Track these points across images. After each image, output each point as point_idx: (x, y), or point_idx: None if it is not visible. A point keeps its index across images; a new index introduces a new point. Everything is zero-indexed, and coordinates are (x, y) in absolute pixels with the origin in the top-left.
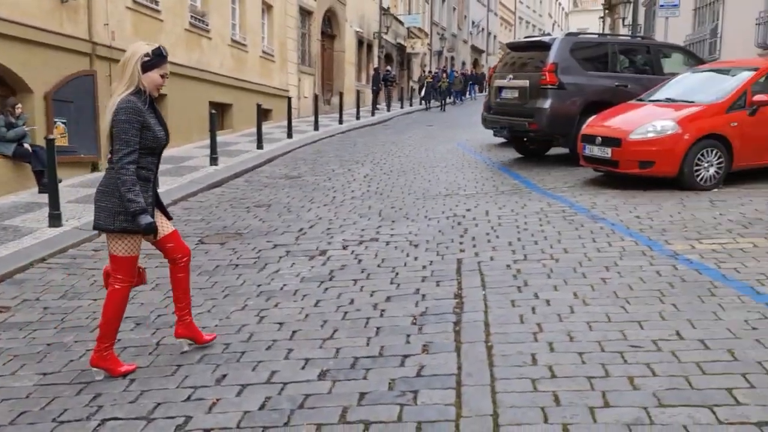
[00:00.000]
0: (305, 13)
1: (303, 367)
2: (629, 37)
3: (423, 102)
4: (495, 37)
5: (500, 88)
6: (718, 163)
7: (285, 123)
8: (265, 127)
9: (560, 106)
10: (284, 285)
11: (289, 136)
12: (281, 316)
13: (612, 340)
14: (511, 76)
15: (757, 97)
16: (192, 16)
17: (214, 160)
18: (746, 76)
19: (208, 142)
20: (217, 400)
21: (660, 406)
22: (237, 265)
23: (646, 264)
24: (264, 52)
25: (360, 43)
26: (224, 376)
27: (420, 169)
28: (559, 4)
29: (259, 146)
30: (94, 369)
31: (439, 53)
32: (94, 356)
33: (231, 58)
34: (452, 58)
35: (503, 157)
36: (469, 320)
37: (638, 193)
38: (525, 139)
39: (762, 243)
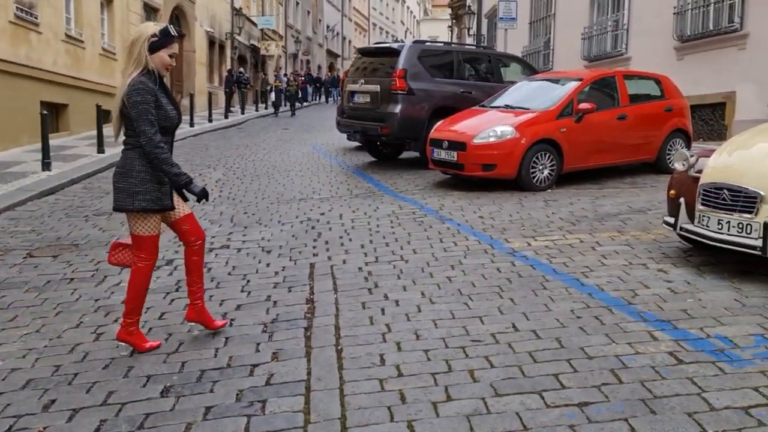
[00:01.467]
0: (150, 10)
1: (144, 385)
2: (473, 47)
3: (274, 107)
4: (350, 41)
5: (353, 93)
6: (551, 166)
7: None
8: (107, 129)
9: (410, 111)
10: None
11: None
12: None
13: (455, 336)
14: (362, 80)
15: (582, 105)
16: (18, 8)
17: (46, 165)
18: (573, 85)
19: (39, 145)
20: (44, 428)
21: (496, 395)
22: (72, 279)
23: (487, 261)
24: (104, 49)
25: (211, 43)
26: (53, 401)
27: (274, 173)
28: (411, 12)
29: (100, 150)
30: (122, 343)
31: (295, 56)
32: (121, 331)
33: (66, 55)
34: (308, 62)
35: (358, 161)
36: (320, 325)
37: (482, 194)
38: (378, 143)
39: (587, 238)
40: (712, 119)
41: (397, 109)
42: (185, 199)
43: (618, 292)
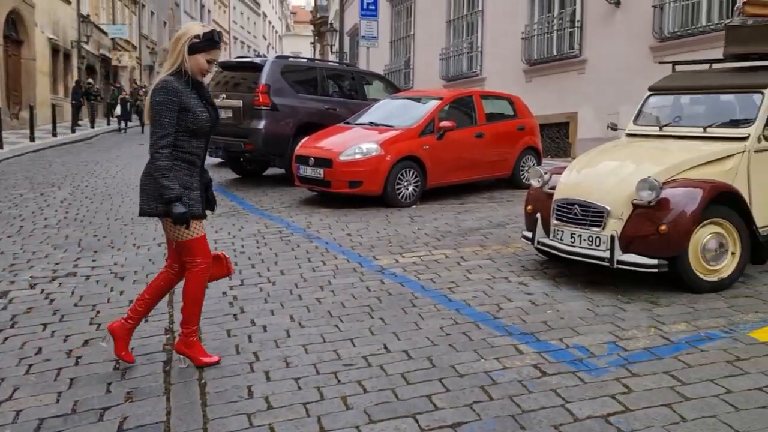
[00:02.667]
0: None
1: None
2: (337, 64)
3: (118, 121)
4: None
5: None
6: (415, 182)
7: None
8: None
9: (274, 127)
10: None
11: None
12: None
13: (326, 360)
14: (224, 95)
15: (443, 123)
16: None
17: None
18: (434, 104)
19: None
20: None
21: (371, 422)
22: None
23: (357, 280)
24: None
25: (55, 51)
26: None
27: (129, 192)
28: (273, 27)
29: None
30: (180, 356)
31: (151, 68)
32: (179, 342)
33: None
34: None
35: (220, 178)
36: (178, 358)
37: (349, 212)
38: (242, 159)
39: (452, 254)
40: (558, 137)
41: (261, 124)
42: (213, 209)
43: (484, 307)
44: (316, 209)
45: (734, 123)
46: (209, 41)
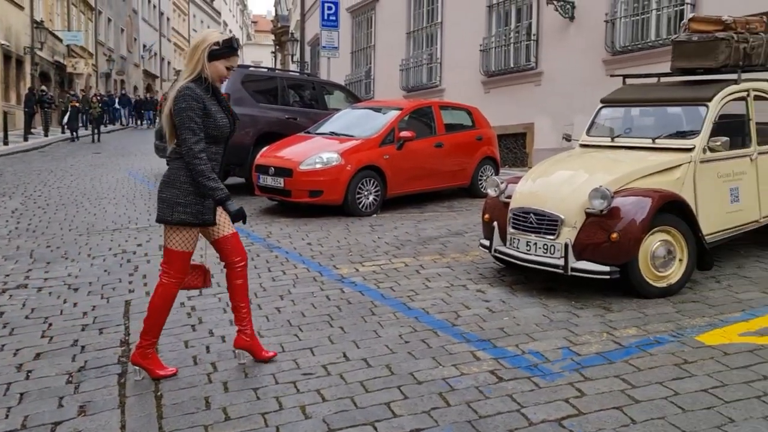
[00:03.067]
0: None
1: None
2: (298, 74)
3: (67, 130)
4: (169, 62)
5: None
6: (376, 192)
7: None
8: None
9: (234, 136)
10: None
11: None
12: None
13: (285, 370)
14: None
15: (403, 134)
16: None
17: None
18: (394, 114)
19: None
20: None
21: (330, 431)
22: None
23: (317, 290)
24: None
25: (7, 57)
26: None
27: (84, 201)
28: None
29: None
30: (135, 367)
31: (108, 75)
32: (136, 353)
33: None
34: (122, 82)
35: None
36: (134, 369)
37: (310, 221)
38: None
39: (411, 262)
40: (516, 147)
41: None
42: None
43: (442, 314)
44: (276, 219)
45: (681, 134)
46: (228, 48)
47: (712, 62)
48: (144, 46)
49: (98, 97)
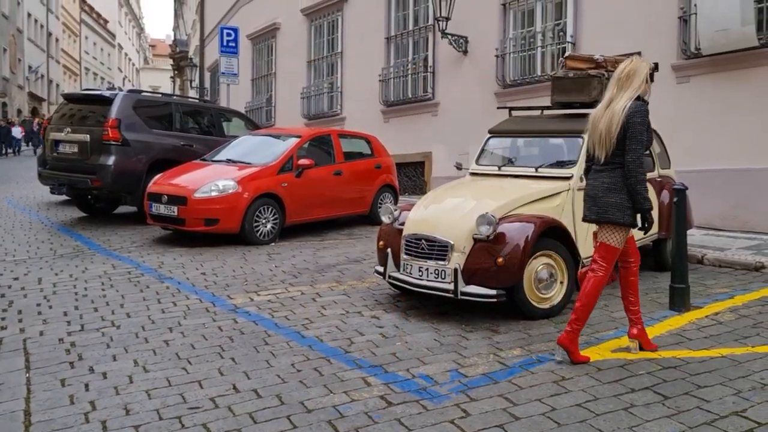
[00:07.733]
0: None
1: None
2: (195, 100)
3: None
4: (58, 85)
5: (57, 142)
6: (274, 220)
7: None
8: None
9: (125, 163)
10: None
11: None
12: None
13: (171, 405)
14: (68, 129)
15: (301, 161)
16: None
17: None
18: (293, 142)
19: None
20: None
21: None
22: None
23: (209, 321)
24: None
25: None
26: None
27: None
28: (130, 59)
29: None
30: (560, 348)
31: None
32: (564, 335)
33: None
34: (4, 104)
35: (64, 217)
36: (5, 412)
37: (205, 250)
38: (90, 197)
39: (308, 290)
40: (415, 175)
41: (111, 160)
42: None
43: (336, 342)
44: (169, 248)
45: (561, 164)
46: (654, 71)
47: (585, 97)
48: (30, 67)
49: None
